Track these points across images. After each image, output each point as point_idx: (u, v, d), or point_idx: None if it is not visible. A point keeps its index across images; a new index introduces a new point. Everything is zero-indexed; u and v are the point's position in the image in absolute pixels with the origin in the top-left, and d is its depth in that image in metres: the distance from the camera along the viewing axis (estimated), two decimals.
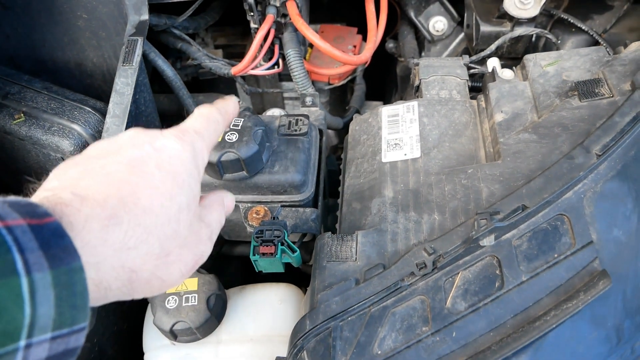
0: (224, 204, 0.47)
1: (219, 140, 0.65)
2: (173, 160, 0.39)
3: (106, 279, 0.34)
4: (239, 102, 1.04)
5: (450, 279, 0.55)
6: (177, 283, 0.40)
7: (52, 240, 0.29)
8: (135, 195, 0.36)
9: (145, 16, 0.86)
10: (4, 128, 0.80)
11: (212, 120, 0.48)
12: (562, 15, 0.91)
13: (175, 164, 0.39)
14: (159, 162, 0.39)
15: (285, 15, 0.91)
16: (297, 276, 0.91)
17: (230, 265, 1.10)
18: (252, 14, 0.90)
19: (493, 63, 0.83)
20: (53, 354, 0.29)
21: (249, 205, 0.70)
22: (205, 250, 0.42)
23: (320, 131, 0.82)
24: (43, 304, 0.28)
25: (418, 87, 0.81)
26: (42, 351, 0.28)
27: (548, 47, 0.95)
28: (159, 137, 0.41)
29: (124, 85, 0.78)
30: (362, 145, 0.76)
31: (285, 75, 1.04)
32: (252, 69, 0.94)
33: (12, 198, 0.30)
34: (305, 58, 1.05)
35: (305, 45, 1.06)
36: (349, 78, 1.10)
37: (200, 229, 0.42)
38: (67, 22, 0.91)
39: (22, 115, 0.80)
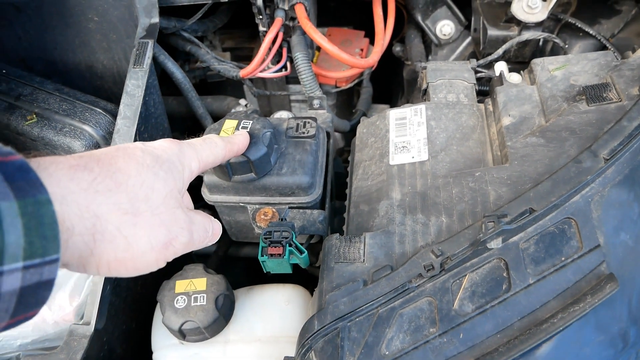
0: (212, 222, 0.48)
1: None
2: (158, 151, 0.43)
3: (70, 217, 0.34)
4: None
5: (458, 281, 0.55)
6: (145, 259, 0.39)
7: (17, 174, 0.30)
8: (112, 159, 0.38)
9: (156, 19, 0.87)
10: (16, 129, 0.82)
11: (209, 141, 0.52)
12: (569, 20, 0.92)
13: (159, 152, 0.43)
14: (144, 149, 0.42)
15: (293, 19, 0.92)
16: (303, 277, 0.91)
17: (236, 266, 1.10)
18: (260, 17, 0.91)
19: (500, 67, 0.84)
20: (27, 284, 0.29)
21: (257, 206, 0.71)
22: (180, 234, 0.42)
23: (328, 134, 0.83)
24: (10, 232, 0.28)
25: (426, 90, 0.82)
26: (15, 280, 0.29)
27: (555, 51, 0.95)
28: (152, 142, 0.45)
29: (135, 87, 0.79)
30: (370, 148, 0.77)
31: (292, 78, 1.04)
32: (261, 71, 0.95)
33: None
34: (312, 61, 1.06)
35: (313, 48, 1.06)
36: (356, 81, 1.11)
37: (179, 210, 0.42)
38: (78, 25, 0.92)
39: (34, 116, 0.81)
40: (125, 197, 0.37)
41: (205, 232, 0.46)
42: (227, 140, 0.56)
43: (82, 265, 0.36)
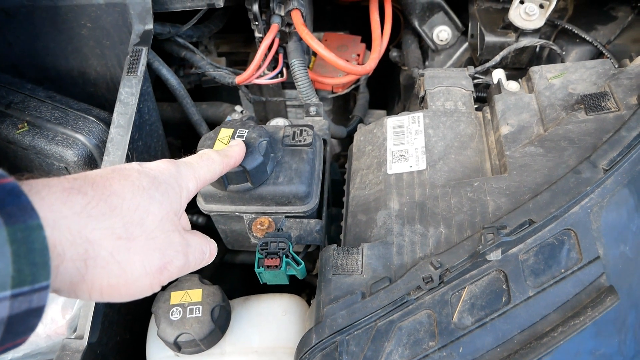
0: (209, 243, 0.48)
1: None
2: (154, 172, 0.42)
3: (61, 243, 0.33)
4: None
5: (457, 293, 0.55)
6: (139, 284, 0.38)
7: (8, 198, 0.29)
8: (107, 182, 0.37)
9: (150, 25, 0.86)
10: (7, 137, 0.80)
11: (205, 157, 0.51)
12: (566, 26, 0.91)
13: (156, 174, 0.42)
14: (140, 170, 0.41)
15: (289, 25, 0.91)
16: (299, 284, 0.90)
17: (232, 273, 1.09)
18: (256, 23, 0.90)
19: (498, 74, 0.83)
20: (15, 313, 0.29)
21: (253, 216, 0.70)
22: (175, 258, 0.41)
23: (324, 141, 0.82)
24: None
25: (423, 98, 0.81)
26: (3, 309, 0.28)
27: (552, 57, 0.95)
28: (149, 162, 0.44)
29: (129, 95, 0.78)
30: (367, 156, 0.76)
31: (288, 83, 1.04)
32: (256, 78, 0.94)
33: None
34: (309, 67, 1.05)
35: (309, 53, 1.05)
36: (353, 86, 1.10)
37: (175, 233, 0.42)
38: (70, 31, 0.91)
39: (25, 124, 0.80)
40: (119, 221, 0.36)
41: (202, 254, 0.45)
42: (223, 154, 0.55)
43: (73, 291, 0.35)
